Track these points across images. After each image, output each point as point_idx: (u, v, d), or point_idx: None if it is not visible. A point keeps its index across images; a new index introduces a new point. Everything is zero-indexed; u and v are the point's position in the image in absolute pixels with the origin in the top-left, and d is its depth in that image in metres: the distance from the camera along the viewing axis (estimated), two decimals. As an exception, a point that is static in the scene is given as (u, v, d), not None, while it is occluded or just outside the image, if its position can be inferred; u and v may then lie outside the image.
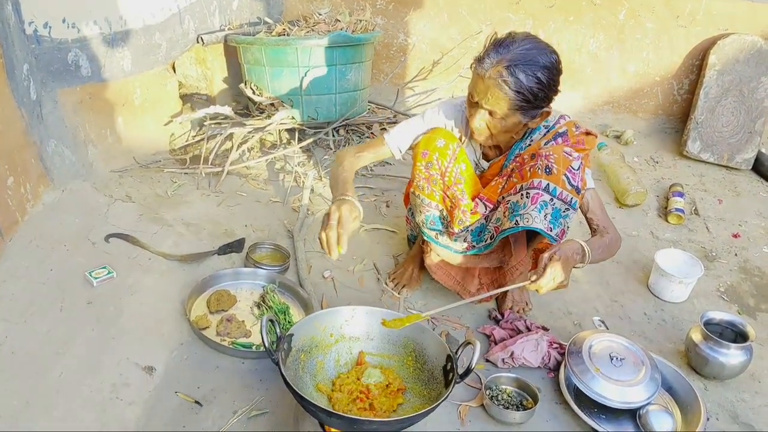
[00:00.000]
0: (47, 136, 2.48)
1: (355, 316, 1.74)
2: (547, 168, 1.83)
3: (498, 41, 1.78)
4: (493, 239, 2.00)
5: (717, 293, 2.50)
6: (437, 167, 1.98)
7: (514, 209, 1.88)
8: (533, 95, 1.76)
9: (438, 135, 2.00)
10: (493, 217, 1.99)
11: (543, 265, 1.72)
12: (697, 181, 3.37)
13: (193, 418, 1.71)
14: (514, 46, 1.74)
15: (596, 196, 2.02)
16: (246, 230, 2.58)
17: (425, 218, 2.06)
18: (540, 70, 1.74)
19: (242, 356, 1.92)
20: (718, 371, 1.99)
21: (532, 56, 1.73)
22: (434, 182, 2.00)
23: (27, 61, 2.35)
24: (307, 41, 2.91)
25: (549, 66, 1.76)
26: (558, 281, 1.71)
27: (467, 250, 2.07)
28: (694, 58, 3.70)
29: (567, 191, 1.84)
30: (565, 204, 1.85)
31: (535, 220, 1.83)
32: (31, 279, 2.04)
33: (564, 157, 1.84)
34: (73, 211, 2.41)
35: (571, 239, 1.84)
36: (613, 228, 2.01)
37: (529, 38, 1.78)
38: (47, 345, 1.82)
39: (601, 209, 2.02)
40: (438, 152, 1.97)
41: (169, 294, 2.12)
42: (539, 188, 1.83)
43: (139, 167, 2.87)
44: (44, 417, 1.62)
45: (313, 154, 3.23)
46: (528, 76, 1.73)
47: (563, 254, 1.73)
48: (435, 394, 1.57)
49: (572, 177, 1.84)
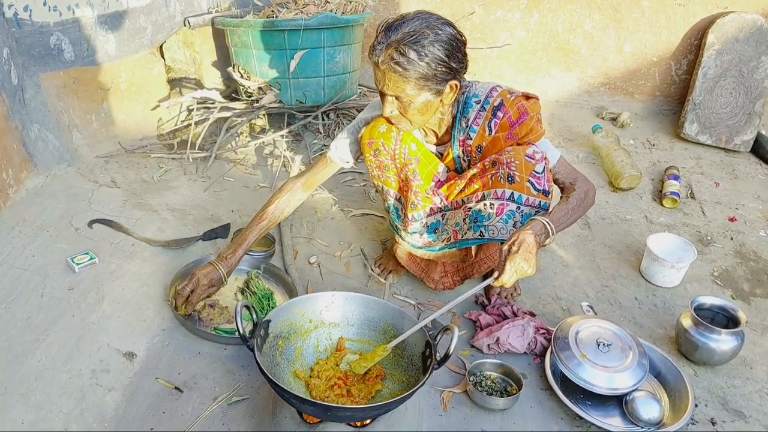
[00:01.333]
0: (30, 121, 2.45)
1: (334, 301, 1.72)
2: (510, 177, 1.79)
3: (387, 25, 1.73)
4: (450, 242, 1.99)
5: (711, 278, 2.46)
6: (385, 152, 1.95)
7: (477, 218, 1.86)
8: (431, 71, 1.70)
9: (379, 122, 1.95)
10: (452, 220, 1.96)
11: (502, 259, 1.64)
12: (694, 164, 3.31)
13: (173, 404, 1.71)
14: (403, 27, 1.69)
15: (561, 161, 1.92)
16: (232, 216, 2.55)
17: (388, 206, 2.07)
18: (432, 44, 1.67)
19: (224, 342, 1.92)
20: (708, 357, 1.96)
21: (420, 33, 1.67)
22: (386, 168, 1.98)
23: (7, 45, 2.32)
24: (293, 23, 2.86)
25: (443, 39, 1.69)
26: (523, 273, 1.62)
27: (425, 246, 2.06)
28: (692, 37, 3.62)
29: (533, 197, 1.80)
30: (534, 208, 1.82)
31: (501, 231, 1.83)
32: (13, 265, 2.03)
33: (526, 162, 1.78)
34: (57, 197, 2.39)
35: (532, 219, 1.74)
36: (581, 179, 1.90)
37: (419, 15, 1.72)
38: (27, 331, 1.81)
39: (564, 166, 1.92)
40: (382, 138, 1.94)
41: (152, 280, 2.10)
42: (503, 198, 1.80)
43: (125, 152, 2.84)
44: (22, 403, 1.61)
45: (303, 138, 3.19)
46: (419, 53, 1.67)
47: (521, 243, 1.63)
48: (414, 381, 1.55)
49: (537, 182, 1.80)
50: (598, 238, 2.66)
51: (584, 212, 1.88)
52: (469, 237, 1.91)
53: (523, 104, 1.83)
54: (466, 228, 1.91)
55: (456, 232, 1.96)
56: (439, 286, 2.17)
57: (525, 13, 3.75)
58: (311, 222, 2.59)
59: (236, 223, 2.47)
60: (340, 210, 2.70)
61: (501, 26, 3.79)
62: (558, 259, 2.50)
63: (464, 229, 1.92)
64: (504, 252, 1.64)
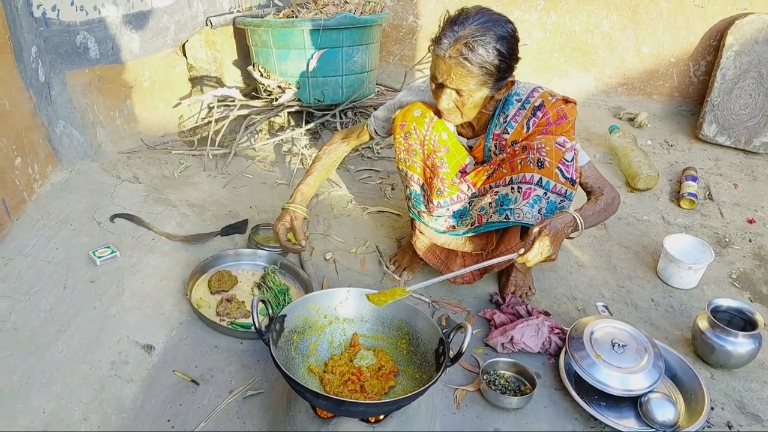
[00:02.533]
0: (56, 118, 2.50)
1: (349, 297, 1.73)
2: (539, 162, 1.81)
3: (452, 19, 1.76)
4: (474, 227, 1.99)
5: (729, 280, 2.44)
6: (416, 136, 1.98)
7: (503, 202, 1.87)
8: (496, 67, 1.74)
9: (414, 106, 2.00)
10: (478, 204, 1.97)
11: (531, 238, 1.70)
12: (713, 165, 3.28)
13: (189, 396, 1.73)
14: (469, 22, 1.72)
15: (589, 165, 1.97)
16: (251, 212, 2.58)
17: (410, 192, 2.08)
18: (498, 41, 1.72)
19: (241, 336, 1.94)
20: (725, 360, 1.94)
21: (488, 29, 1.71)
22: (414, 152, 2.00)
23: (35, 44, 2.37)
24: (312, 23, 2.89)
25: (507, 36, 1.74)
26: (546, 255, 1.70)
27: (448, 231, 2.07)
28: (711, 38, 3.59)
29: (561, 184, 1.82)
30: (560, 196, 1.83)
31: (527, 215, 1.83)
32: (37, 257, 2.07)
33: (556, 149, 1.81)
34: (80, 192, 2.44)
35: (564, 211, 1.81)
36: (608, 186, 1.97)
37: (482, 11, 1.76)
38: (50, 322, 1.85)
39: (593, 171, 1.98)
40: (415, 122, 1.97)
41: (171, 274, 2.14)
42: (531, 183, 1.82)
43: (147, 149, 2.88)
44: (44, 393, 1.64)
45: (321, 136, 3.21)
46: (488, 49, 1.71)
47: (553, 228, 1.71)
48: (427, 378, 1.56)
49: (566, 169, 1.81)
50: (614, 239, 2.65)
51: (607, 218, 1.95)
52: (494, 220, 1.92)
53: (562, 108, 1.88)
54: (491, 212, 1.92)
55: (480, 216, 1.97)
56: (459, 280, 2.18)
57: (542, 14, 3.74)
58: (327, 219, 2.61)
59: (254, 219, 2.50)
60: (356, 207, 2.73)
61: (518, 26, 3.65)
62: (574, 259, 2.49)
63: (489, 212, 1.93)
64: (534, 233, 1.70)
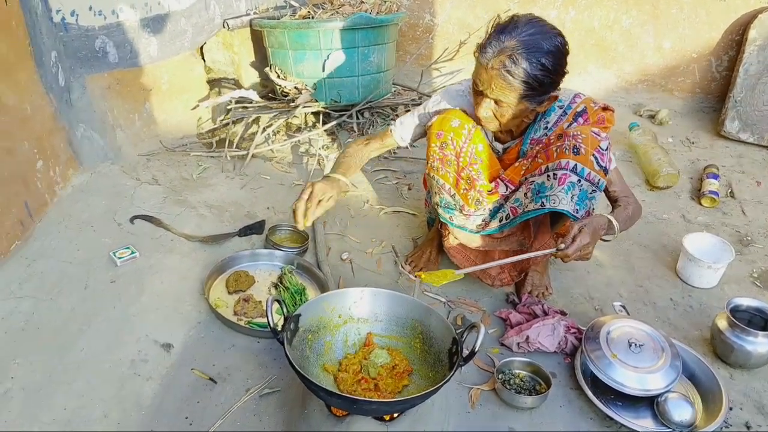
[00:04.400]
0: (76, 121, 2.55)
1: (363, 297, 1.74)
2: (575, 148, 1.79)
3: (500, 27, 1.71)
4: (509, 220, 1.97)
5: (750, 279, 2.40)
6: (452, 147, 1.95)
7: (539, 190, 1.85)
8: (539, 83, 1.71)
9: (453, 115, 1.96)
10: (512, 197, 1.96)
11: (573, 234, 1.70)
12: (735, 163, 3.23)
13: (207, 394, 1.75)
14: (517, 32, 1.67)
15: (616, 171, 1.98)
16: (268, 212, 2.61)
17: (440, 200, 2.05)
18: (545, 56, 1.67)
19: (257, 336, 1.96)
20: (745, 360, 1.92)
21: (535, 42, 1.66)
22: (448, 163, 1.98)
23: (55, 49, 2.42)
24: (328, 24, 2.91)
25: (554, 51, 1.69)
26: (585, 251, 1.72)
27: (482, 229, 2.04)
28: (733, 33, 3.54)
29: (595, 172, 1.80)
30: (592, 185, 1.82)
31: (562, 201, 1.80)
32: (59, 258, 2.12)
33: (592, 137, 1.80)
34: (101, 194, 2.48)
35: (599, 213, 1.82)
36: (633, 197, 1.99)
37: (533, 21, 1.70)
38: (71, 321, 1.89)
39: (620, 180, 1.99)
40: (453, 132, 1.94)
41: (190, 274, 2.17)
42: (567, 169, 1.79)
43: (165, 151, 2.93)
44: (65, 390, 1.68)
45: (338, 137, 3.23)
46: (532, 64, 1.67)
47: (592, 227, 1.72)
48: (440, 377, 1.56)
49: (600, 157, 1.80)
50: (633, 238, 2.62)
51: (632, 225, 1.97)
52: (529, 209, 1.89)
53: (603, 115, 1.88)
54: (527, 201, 1.90)
55: (515, 209, 1.95)
56: (497, 283, 2.16)
57: (561, 11, 3.71)
58: (344, 219, 2.63)
59: (271, 220, 2.53)
60: (372, 207, 2.74)
61: None
62: (592, 259, 2.46)
63: (525, 203, 1.91)
64: (575, 229, 1.71)
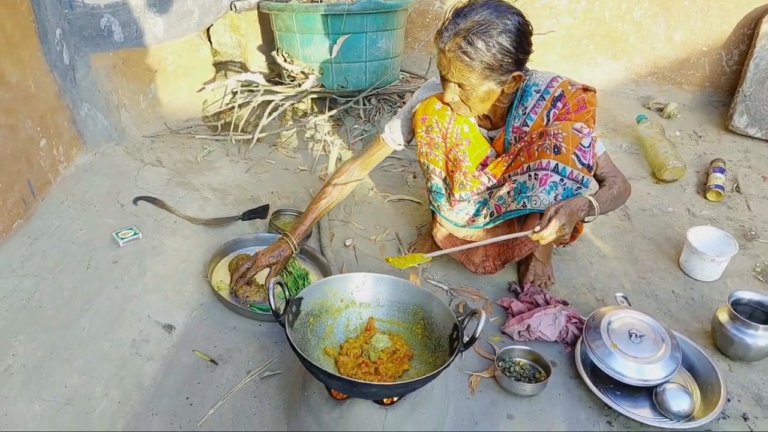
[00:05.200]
0: (80, 100, 2.54)
1: (365, 282, 1.74)
2: (556, 147, 1.78)
3: (457, 11, 1.72)
4: (493, 217, 1.98)
5: (752, 273, 2.40)
6: (437, 129, 1.97)
7: (521, 190, 1.86)
8: (497, 61, 1.71)
9: (435, 100, 1.98)
10: (497, 194, 1.96)
11: (549, 216, 1.71)
12: (742, 157, 3.21)
13: (208, 375, 1.76)
14: (473, 14, 1.68)
15: (604, 155, 1.97)
16: (272, 197, 2.61)
17: (431, 185, 2.07)
18: (500, 34, 1.68)
19: (259, 319, 1.96)
20: (744, 352, 1.92)
21: (490, 22, 1.67)
22: (436, 146, 1.99)
23: (60, 26, 2.41)
24: (336, 8, 2.88)
25: (512, 29, 1.69)
26: (560, 234, 1.71)
27: (468, 224, 2.06)
28: (745, 27, 3.50)
29: (578, 170, 1.80)
30: (576, 183, 1.81)
31: (543, 202, 1.81)
32: (61, 237, 2.11)
33: (573, 134, 1.78)
34: (104, 174, 2.48)
35: (580, 195, 1.81)
36: (621, 176, 1.97)
37: (489, 2, 1.71)
38: (73, 301, 1.89)
39: (608, 162, 1.98)
40: (437, 115, 1.96)
41: (192, 256, 2.17)
42: (548, 169, 1.80)
43: (170, 133, 2.92)
44: (66, 368, 1.68)
45: (344, 123, 3.22)
46: (488, 43, 1.67)
47: (569, 208, 1.72)
48: (441, 362, 1.56)
49: (582, 155, 1.79)
50: (637, 230, 2.61)
51: (619, 206, 1.96)
52: (512, 209, 1.91)
53: (583, 97, 1.85)
54: (510, 200, 1.91)
55: (499, 207, 1.96)
56: (480, 270, 2.17)
57: (572, 0, 3.68)
58: (348, 205, 2.62)
59: (275, 205, 2.52)
60: (377, 194, 2.73)
61: (547, 12, 3.74)
62: (595, 250, 2.47)
63: (508, 201, 1.92)
64: (551, 212, 1.71)
